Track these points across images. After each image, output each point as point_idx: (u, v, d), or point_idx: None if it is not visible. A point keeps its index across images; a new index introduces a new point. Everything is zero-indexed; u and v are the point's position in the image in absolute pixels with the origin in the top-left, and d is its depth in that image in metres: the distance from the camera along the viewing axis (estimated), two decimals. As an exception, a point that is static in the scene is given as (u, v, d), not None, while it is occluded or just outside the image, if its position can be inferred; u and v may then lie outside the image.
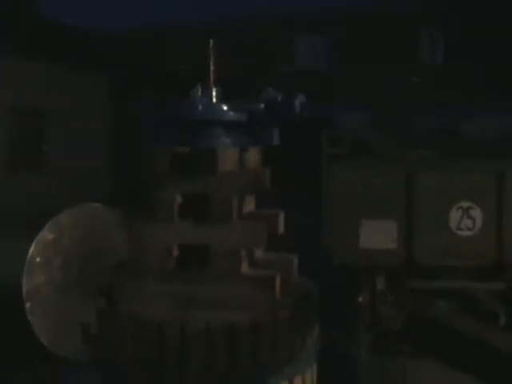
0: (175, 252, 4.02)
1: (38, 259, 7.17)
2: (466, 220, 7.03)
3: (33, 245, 7.09)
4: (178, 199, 4.03)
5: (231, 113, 4.00)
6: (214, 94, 4.09)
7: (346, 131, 8.36)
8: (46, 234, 7.26)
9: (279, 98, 4.11)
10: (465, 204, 6.96)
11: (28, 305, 7.05)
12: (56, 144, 10.43)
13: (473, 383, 7.29)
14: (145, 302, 3.89)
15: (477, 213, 7.04)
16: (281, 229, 4.43)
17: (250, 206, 4.48)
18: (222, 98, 4.11)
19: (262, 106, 4.06)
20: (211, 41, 4.11)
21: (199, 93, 4.00)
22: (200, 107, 3.92)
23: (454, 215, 7.05)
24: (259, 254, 4.41)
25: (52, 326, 7.15)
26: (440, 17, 25.78)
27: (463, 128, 8.16)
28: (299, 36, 27.57)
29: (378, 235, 7.10)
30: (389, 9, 25.28)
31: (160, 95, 12.78)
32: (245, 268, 4.04)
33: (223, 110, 4.00)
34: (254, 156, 4.37)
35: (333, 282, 4.92)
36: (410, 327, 7.77)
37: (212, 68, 4.09)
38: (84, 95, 11.38)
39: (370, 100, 11.23)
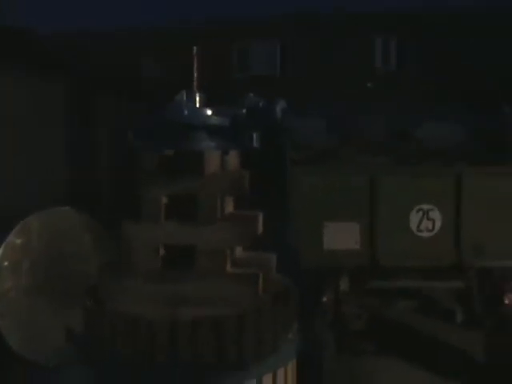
0: (162, 252, 4.16)
1: (5, 263, 7.21)
2: (426, 221, 7.25)
3: (1, 249, 7.12)
4: (164, 200, 4.17)
5: (215, 117, 4.16)
6: (197, 99, 4.25)
7: (304, 137, 8.52)
8: (14, 238, 7.29)
9: (260, 104, 4.28)
10: (425, 206, 7.18)
11: (-4, 308, 7.08)
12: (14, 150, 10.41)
13: (432, 380, 7.54)
14: (133, 301, 4.01)
15: (436, 214, 7.28)
16: (260, 229, 4.61)
17: (229, 207, 4.64)
18: (205, 103, 4.26)
19: (244, 111, 4.22)
20: (195, 48, 4.26)
21: (184, 97, 4.15)
22: (186, 112, 4.07)
23: (415, 217, 7.27)
24: (239, 253, 4.58)
25: (21, 329, 7.19)
26: (394, 23, 26.20)
27: (419, 133, 8.36)
28: (253, 43, 27.70)
29: (342, 237, 7.28)
30: (340, 15, 25.58)
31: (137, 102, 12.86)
32: (229, 266, 4.20)
33: (207, 114, 4.16)
34: (234, 159, 4.54)
35: (301, 282, 5.07)
36: (373, 326, 7.97)
37: (195, 74, 4.24)
38: (46, 100, 11.36)
39: (325, 106, 11.42)
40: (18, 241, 7.33)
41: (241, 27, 25.84)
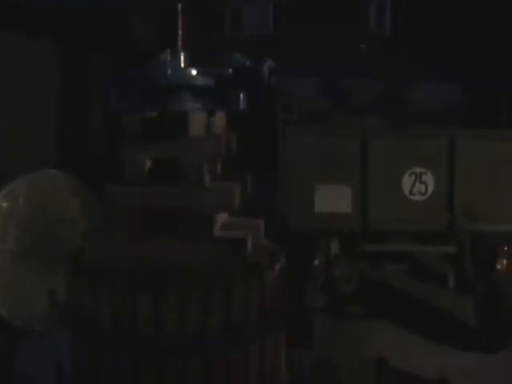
0: (146, 215, 4.06)
1: (-8, 228, 7.11)
2: (419, 185, 7.16)
3: (-13, 214, 7.02)
4: (148, 163, 4.06)
5: (200, 77, 4.03)
6: (182, 58, 4.11)
7: (298, 97, 8.40)
8: (0, 203, 7.19)
9: (249, 64, 4.16)
10: (417, 170, 7.08)
11: (-17, 275, 7.00)
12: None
13: (424, 343, 7.53)
14: (118, 266, 3.92)
15: (429, 178, 7.18)
16: (248, 192, 4.51)
17: (215, 170, 4.53)
18: (190, 63, 4.13)
19: (231, 71, 4.11)
20: (179, 4, 4.12)
21: (168, 57, 4.02)
22: (169, 71, 3.94)
23: (407, 181, 7.17)
24: (226, 217, 4.48)
25: (8, 294, 7.11)
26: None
27: (411, 96, 8.24)
28: (246, 2, 27.41)
29: (333, 200, 7.19)
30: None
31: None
32: (216, 231, 4.11)
33: (192, 74, 4.03)
34: (221, 120, 4.42)
35: (290, 245, 4.99)
36: (364, 290, 7.94)
37: (180, 32, 4.10)
38: (32, 61, 11.20)
39: (318, 67, 11.29)
40: (4, 205, 7.22)
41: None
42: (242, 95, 4.23)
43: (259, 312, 3.92)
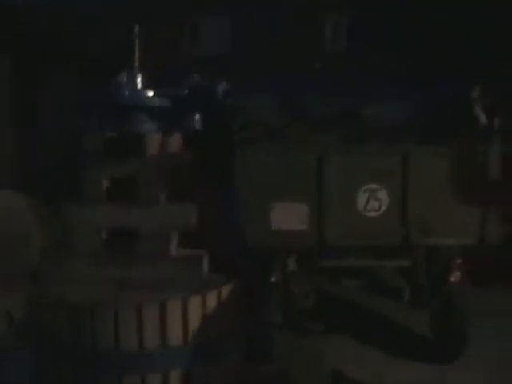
0: (105, 235, 4.11)
1: None
2: (373, 201, 7.25)
3: None
4: (107, 183, 4.12)
5: (156, 99, 4.10)
6: (139, 79, 4.18)
7: (254, 115, 8.46)
8: (-44, 221, 7.15)
9: (203, 85, 4.24)
10: (371, 186, 7.18)
11: None
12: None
13: (380, 357, 7.62)
14: (75, 285, 3.96)
15: (383, 194, 7.28)
16: (204, 211, 4.58)
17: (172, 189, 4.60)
18: (147, 84, 4.20)
19: (187, 92, 4.18)
20: (137, 26, 4.19)
21: (125, 79, 4.08)
22: (127, 93, 4.01)
23: (362, 197, 7.27)
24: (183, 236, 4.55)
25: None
26: (343, 4, 26.14)
27: (366, 113, 8.35)
28: (206, 19, 27.42)
29: (290, 217, 7.25)
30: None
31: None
32: (173, 249, 4.17)
33: (149, 96, 4.10)
34: (177, 140, 4.49)
35: (248, 262, 5.06)
36: (322, 306, 8.00)
37: (137, 54, 4.17)
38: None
39: (275, 84, 11.39)
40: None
41: (190, 2, 25.54)
42: (197, 115, 4.31)
43: (216, 326, 3.99)
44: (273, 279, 7.48)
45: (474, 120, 3.28)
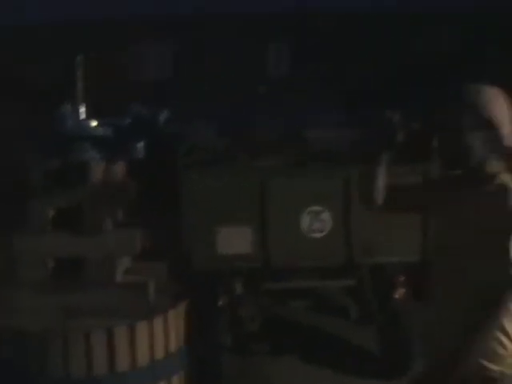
0: (50, 263, 4.15)
1: None
2: (317, 223, 7.37)
3: None
4: (51, 212, 4.17)
5: (99, 128, 4.18)
6: (82, 110, 4.26)
7: (197, 140, 8.55)
8: None
9: (144, 114, 4.33)
10: (315, 208, 7.29)
11: None
12: None
13: (331, 377, 7.71)
14: (22, 314, 3.99)
15: (326, 216, 7.41)
16: (149, 237, 4.66)
17: (117, 217, 4.67)
18: (91, 114, 4.28)
19: (129, 121, 4.27)
20: (78, 58, 4.26)
21: (69, 109, 4.16)
22: (70, 123, 4.08)
23: (306, 219, 7.38)
24: (130, 262, 4.61)
25: None
26: (286, 30, 26.55)
27: (309, 136, 8.49)
28: (146, 46, 27.52)
29: (235, 241, 7.32)
30: (237, 21, 25.64)
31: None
32: (119, 276, 4.23)
33: (92, 125, 4.18)
34: (121, 169, 4.56)
35: (195, 287, 5.12)
36: (269, 328, 8.08)
37: (79, 85, 4.25)
38: None
39: (218, 109, 11.52)
40: None
41: (132, 28, 25.59)
42: (140, 143, 4.40)
43: (164, 351, 4.05)
44: (220, 303, 7.53)
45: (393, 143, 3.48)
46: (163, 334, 4.02)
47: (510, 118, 3.37)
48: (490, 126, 3.30)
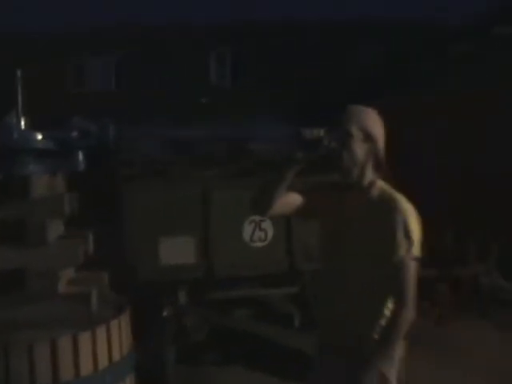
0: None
1: None
2: (259, 232, 7.47)
3: None
4: (-6, 225, 4.19)
5: (41, 140, 4.21)
6: (23, 122, 4.29)
7: (137, 153, 8.60)
8: None
9: (89, 126, 4.38)
10: (256, 218, 7.39)
11: None
12: None
13: (275, 383, 7.78)
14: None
15: (268, 225, 7.52)
16: (91, 249, 4.71)
17: (59, 229, 4.70)
18: (32, 126, 4.31)
19: (74, 133, 4.31)
20: (19, 71, 4.29)
21: (14, 120, 4.19)
22: (12, 135, 4.11)
23: (247, 228, 7.48)
24: (72, 273, 4.64)
25: None
26: (230, 41, 26.75)
27: (253, 145, 8.61)
28: (88, 59, 27.45)
29: (177, 251, 7.37)
30: (183, 31, 25.75)
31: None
32: (62, 287, 4.26)
33: (33, 138, 4.21)
34: (62, 181, 4.61)
35: (139, 298, 5.15)
36: (214, 337, 8.13)
37: (20, 97, 4.27)
38: None
39: (160, 121, 11.56)
40: None
41: (74, 41, 25.53)
42: (83, 156, 4.44)
43: (108, 360, 4.10)
44: (165, 313, 7.57)
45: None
46: (106, 344, 4.07)
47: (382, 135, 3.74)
48: (367, 140, 3.67)
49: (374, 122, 3.76)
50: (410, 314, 3.54)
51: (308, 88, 23.87)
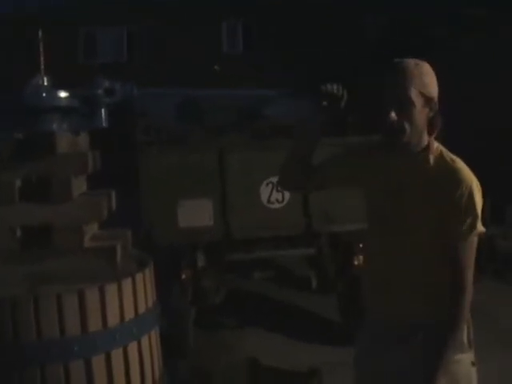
0: (18, 233, 4.27)
1: None
2: (276, 194, 7.54)
3: None
4: (19, 183, 4.28)
5: (65, 99, 4.29)
6: (46, 82, 4.37)
7: (155, 118, 8.68)
8: None
9: (114, 85, 4.44)
10: (273, 179, 7.44)
11: None
12: None
13: (293, 344, 7.91)
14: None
15: (285, 186, 7.58)
16: (114, 206, 4.81)
17: (83, 186, 4.79)
18: (55, 85, 4.39)
19: (99, 91, 4.39)
20: (40, 31, 4.36)
21: (40, 80, 4.27)
22: (42, 93, 4.19)
23: (265, 190, 7.54)
24: (95, 230, 4.75)
25: None
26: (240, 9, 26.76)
27: (268, 111, 8.65)
28: (100, 30, 27.49)
29: (196, 214, 7.46)
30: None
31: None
32: (87, 242, 4.36)
33: (59, 96, 4.29)
34: (86, 139, 4.70)
35: (157, 260, 5.22)
36: (232, 299, 8.24)
37: (42, 58, 4.35)
38: None
39: (175, 90, 11.58)
40: None
41: (86, 13, 25.60)
42: (106, 114, 4.51)
43: (134, 313, 4.20)
44: (183, 276, 7.67)
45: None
46: (132, 297, 4.16)
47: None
48: (427, 104, 3.23)
49: (432, 80, 3.27)
50: (471, 293, 3.26)
51: (318, 60, 23.81)
